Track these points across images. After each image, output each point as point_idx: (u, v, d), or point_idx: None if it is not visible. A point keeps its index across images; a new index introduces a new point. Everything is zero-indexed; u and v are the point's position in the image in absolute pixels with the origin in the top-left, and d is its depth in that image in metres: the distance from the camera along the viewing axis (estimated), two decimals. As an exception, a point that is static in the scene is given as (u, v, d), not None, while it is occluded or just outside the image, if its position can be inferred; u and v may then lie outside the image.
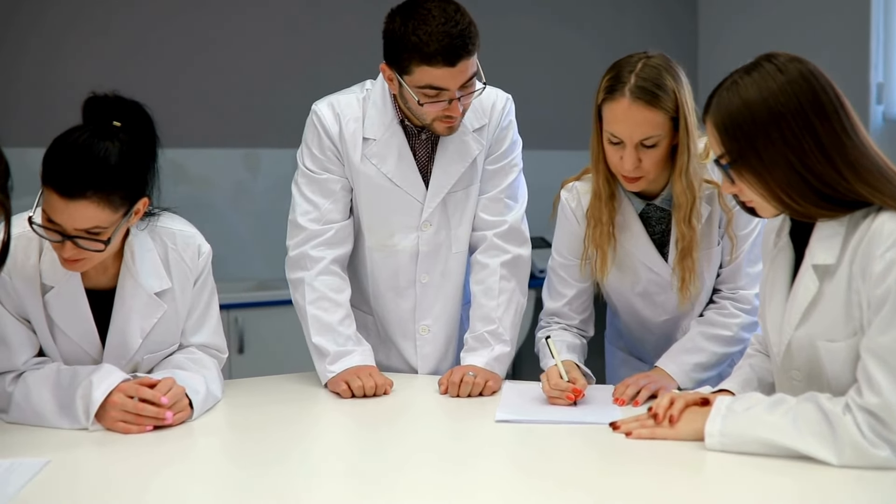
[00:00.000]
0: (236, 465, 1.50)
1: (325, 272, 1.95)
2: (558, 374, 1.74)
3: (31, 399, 1.63)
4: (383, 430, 1.69)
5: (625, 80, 1.70)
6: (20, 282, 1.67)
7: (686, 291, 1.84)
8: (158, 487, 1.36)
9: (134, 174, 1.61)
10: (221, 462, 1.53)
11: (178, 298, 1.81)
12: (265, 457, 1.48)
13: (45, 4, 3.68)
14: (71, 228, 1.55)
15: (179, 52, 3.82)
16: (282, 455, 1.49)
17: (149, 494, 1.32)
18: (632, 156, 1.72)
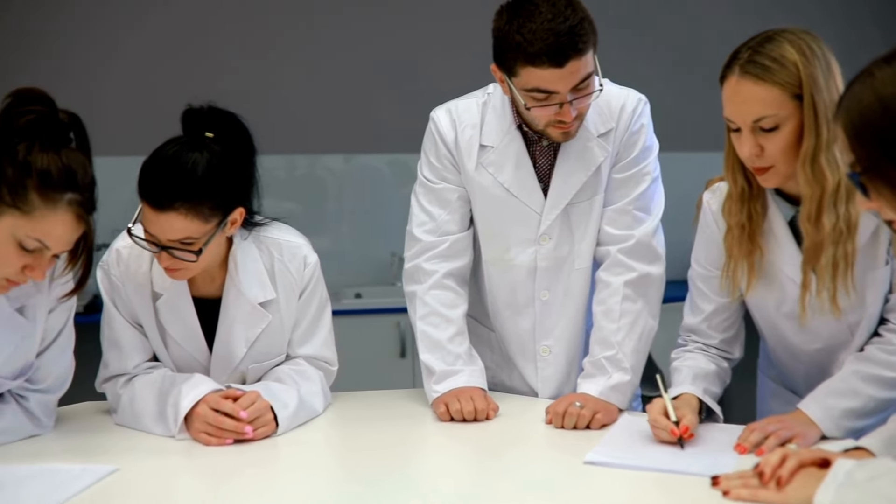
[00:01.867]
0: (309, 483, 1.45)
1: (438, 286, 1.86)
2: (663, 407, 1.53)
3: (135, 403, 1.69)
4: (470, 459, 1.58)
5: (739, 55, 1.48)
6: (132, 289, 1.74)
7: (807, 307, 1.56)
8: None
9: (224, 185, 1.62)
10: (296, 480, 1.48)
11: (284, 309, 1.80)
12: (343, 476, 1.45)
13: (144, 12, 3.92)
14: (164, 239, 1.59)
15: (280, 59, 3.95)
16: (364, 478, 1.44)
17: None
18: (748, 141, 1.48)
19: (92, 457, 1.51)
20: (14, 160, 1.41)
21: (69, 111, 1.51)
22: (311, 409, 1.76)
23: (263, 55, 4.03)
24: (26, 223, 1.41)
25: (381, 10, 4.05)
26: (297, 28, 4.07)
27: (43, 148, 1.42)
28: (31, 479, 1.38)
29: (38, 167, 1.41)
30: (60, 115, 1.48)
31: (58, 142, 1.46)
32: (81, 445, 1.60)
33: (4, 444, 1.57)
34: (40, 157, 1.42)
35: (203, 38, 3.99)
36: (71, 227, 1.45)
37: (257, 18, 4.06)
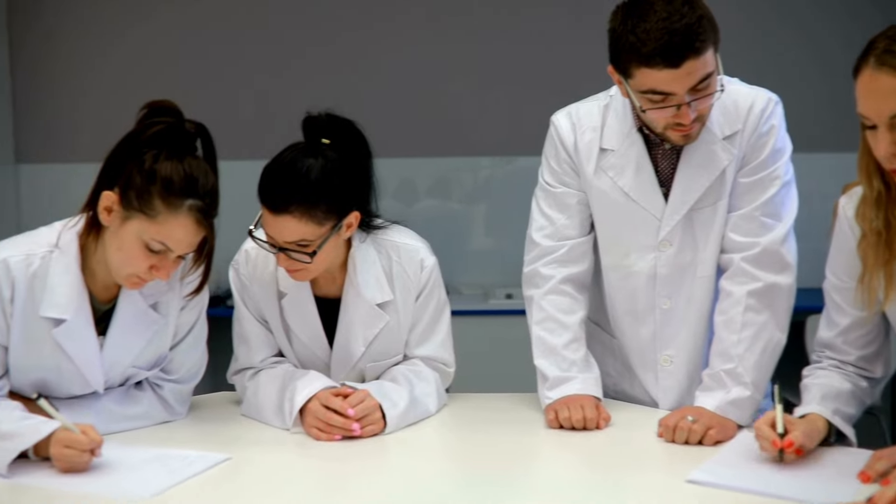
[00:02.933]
0: (412, 483, 1.48)
1: (555, 291, 1.84)
2: (773, 418, 1.44)
3: (258, 395, 1.79)
4: (571, 469, 1.56)
5: (875, 45, 1.35)
6: (258, 287, 1.83)
7: None
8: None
9: (338, 189, 1.67)
10: (401, 479, 1.51)
11: (401, 310, 1.84)
12: (444, 478, 1.47)
13: (264, 20, 4.08)
14: (280, 241, 1.66)
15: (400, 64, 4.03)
16: (463, 481, 1.46)
17: None
18: (885, 139, 1.34)
19: (213, 444, 1.61)
20: (142, 168, 1.52)
21: (196, 121, 1.61)
22: (424, 410, 1.79)
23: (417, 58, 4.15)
24: (151, 226, 1.52)
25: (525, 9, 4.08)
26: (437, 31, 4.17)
27: (168, 157, 1.53)
28: (150, 462, 1.49)
29: (162, 175, 1.52)
30: (187, 126, 1.59)
31: (183, 150, 1.56)
32: (206, 433, 1.71)
33: (140, 428, 1.71)
34: (165, 165, 1.52)
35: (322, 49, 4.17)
36: (192, 231, 1.55)
37: (383, 23, 4.20)
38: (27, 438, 1.45)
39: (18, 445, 1.45)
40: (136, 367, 1.70)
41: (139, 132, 1.56)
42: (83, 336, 1.61)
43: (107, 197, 1.55)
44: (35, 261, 1.58)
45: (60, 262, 1.59)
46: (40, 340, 1.58)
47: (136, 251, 1.54)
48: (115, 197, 1.54)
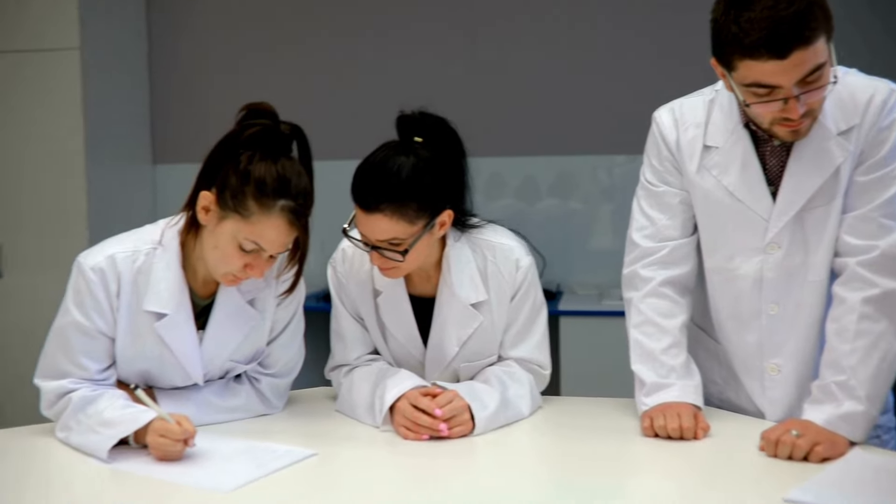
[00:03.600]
0: (498, 485, 1.45)
1: (654, 294, 1.77)
2: None
3: (352, 392, 1.80)
4: (661, 479, 1.49)
5: None
6: (354, 285, 1.85)
7: None
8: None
9: (430, 188, 1.66)
10: (487, 481, 1.49)
11: (495, 311, 1.82)
12: (531, 482, 1.44)
13: (356, 22, 4.09)
14: (373, 239, 1.67)
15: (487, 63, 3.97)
16: (550, 486, 1.43)
17: None
18: None
19: (305, 439, 1.64)
20: (237, 169, 1.56)
21: (292, 123, 1.64)
22: (516, 412, 1.76)
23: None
24: (245, 226, 1.56)
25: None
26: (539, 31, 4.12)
27: (262, 158, 1.57)
28: (241, 454, 1.53)
29: (256, 176, 1.55)
30: (282, 127, 1.62)
31: (277, 152, 1.59)
32: (300, 428, 1.75)
33: (237, 420, 1.76)
34: (259, 166, 1.56)
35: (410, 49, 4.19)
36: (284, 231, 1.57)
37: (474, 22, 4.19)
38: (126, 426, 1.52)
39: (118, 433, 1.51)
40: (234, 360, 1.75)
41: (236, 134, 1.60)
42: (183, 330, 1.67)
43: (204, 197, 1.60)
44: (140, 257, 1.65)
45: (163, 259, 1.65)
46: (144, 333, 1.65)
47: (230, 250, 1.58)
48: (212, 197, 1.59)
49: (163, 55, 4.50)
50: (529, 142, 4.18)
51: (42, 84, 3.99)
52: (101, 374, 1.65)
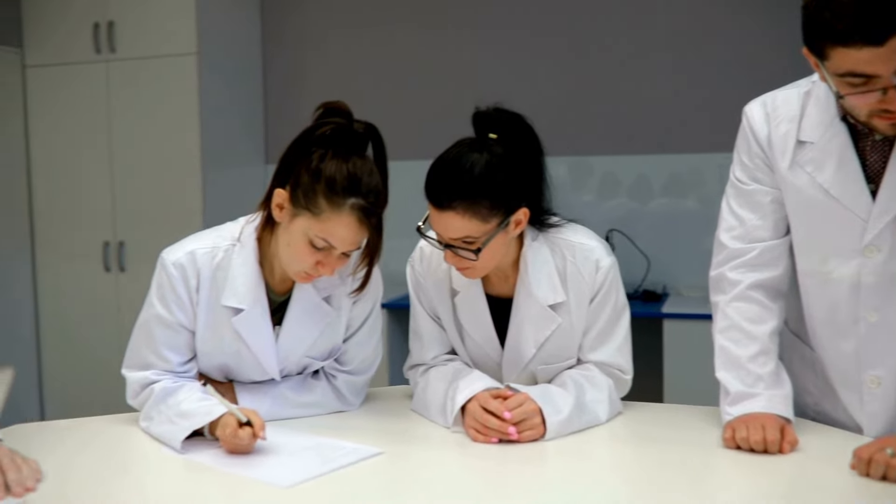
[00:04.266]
0: (566, 493, 1.41)
1: (742, 298, 1.68)
2: None
3: (427, 392, 1.79)
4: (741, 496, 1.40)
5: None
6: (432, 284, 1.84)
7: None
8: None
9: (504, 185, 1.63)
10: (555, 489, 1.44)
11: (574, 313, 1.77)
12: (600, 491, 1.38)
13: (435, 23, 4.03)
14: (446, 237, 1.65)
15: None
16: (621, 496, 1.37)
17: None
18: None
19: (377, 437, 1.64)
20: (309, 167, 1.58)
21: (366, 122, 1.64)
22: (592, 417, 1.70)
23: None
24: (316, 224, 1.57)
25: None
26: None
27: (334, 156, 1.57)
28: (308, 449, 1.54)
29: (327, 174, 1.56)
30: (356, 126, 1.62)
31: (350, 150, 1.59)
32: (374, 426, 1.74)
33: (313, 415, 1.78)
34: (330, 164, 1.57)
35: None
36: (353, 230, 1.58)
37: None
38: (200, 419, 1.56)
39: (192, 424, 1.55)
40: (310, 357, 1.77)
41: (309, 132, 1.61)
42: (259, 325, 1.70)
43: (279, 194, 1.62)
44: (219, 253, 1.69)
45: (241, 255, 1.69)
46: (221, 327, 1.69)
47: (302, 247, 1.59)
48: (286, 195, 1.61)
49: (277, 58, 4.63)
50: (643, 140, 4.08)
51: (161, 88, 4.19)
52: (182, 366, 1.70)
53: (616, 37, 4.11)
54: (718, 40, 3.95)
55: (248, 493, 1.37)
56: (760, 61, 3.80)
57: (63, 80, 4.38)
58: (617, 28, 4.11)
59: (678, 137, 4.05)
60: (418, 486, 1.44)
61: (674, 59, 4.03)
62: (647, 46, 4.06)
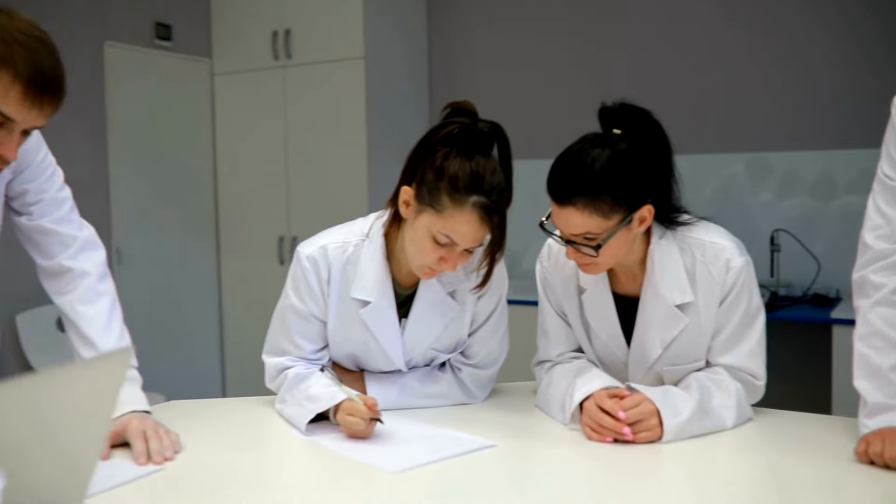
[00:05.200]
0: (678, 498, 1.38)
1: (885, 303, 1.57)
2: None
3: (549, 388, 1.80)
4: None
5: None
6: (559, 282, 1.84)
7: None
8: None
9: (626, 181, 1.60)
10: (670, 493, 1.41)
11: (703, 314, 1.71)
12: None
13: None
14: (567, 233, 1.65)
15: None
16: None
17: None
18: None
19: (494, 429, 1.67)
20: (433, 165, 1.63)
21: (491, 121, 1.67)
22: (717, 422, 1.65)
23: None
24: (438, 221, 1.62)
25: None
26: None
27: (457, 155, 1.61)
28: (423, 438, 1.59)
29: (450, 172, 1.60)
30: (480, 125, 1.65)
31: (474, 149, 1.63)
32: (494, 419, 1.76)
33: (438, 406, 1.83)
34: (453, 162, 1.61)
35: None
36: (475, 226, 1.61)
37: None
38: (323, 403, 1.64)
39: (316, 408, 1.64)
40: (436, 349, 1.82)
41: (435, 132, 1.66)
42: (386, 317, 1.77)
43: (405, 192, 1.68)
44: (349, 248, 1.78)
45: (369, 250, 1.76)
46: (351, 319, 1.77)
47: (426, 243, 1.65)
48: (411, 192, 1.67)
49: (442, 61, 4.75)
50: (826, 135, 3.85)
51: (332, 92, 4.40)
52: (315, 354, 1.80)
53: (787, 23, 3.91)
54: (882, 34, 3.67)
55: (355, 476, 1.43)
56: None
57: (245, 85, 4.70)
58: (788, 12, 3.91)
59: (865, 132, 3.79)
60: (521, 478, 1.45)
61: (849, 54, 3.78)
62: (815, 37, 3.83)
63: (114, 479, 1.38)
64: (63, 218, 1.68)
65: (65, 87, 1.39)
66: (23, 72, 1.31)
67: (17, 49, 1.30)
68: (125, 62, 4.33)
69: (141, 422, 1.53)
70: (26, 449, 0.97)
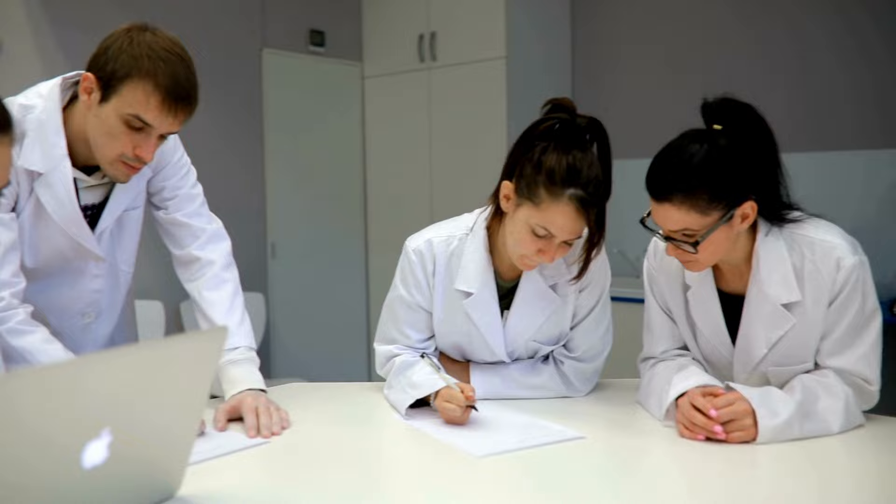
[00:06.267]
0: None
1: None
2: None
3: (650, 385, 1.80)
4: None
5: None
6: (664, 278, 1.83)
7: None
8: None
9: (726, 177, 1.58)
10: (749, 496, 1.40)
11: (810, 314, 1.66)
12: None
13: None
14: (665, 229, 1.65)
15: None
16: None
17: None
18: None
19: (585, 422, 1.69)
20: (531, 160, 1.67)
21: (590, 117, 1.69)
22: (820, 427, 1.59)
23: None
24: (536, 213, 1.66)
25: None
26: None
27: (555, 149, 1.65)
28: (514, 427, 1.64)
29: (547, 166, 1.64)
30: (579, 121, 1.68)
31: (572, 144, 1.66)
32: (593, 412, 1.78)
33: (539, 398, 1.86)
34: (550, 157, 1.65)
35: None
36: (571, 219, 1.64)
37: None
38: (423, 390, 1.72)
39: (416, 394, 1.72)
40: (537, 341, 1.86)
41: (534, 128, 1.70)
42: (488, 308, 1.82)
43: (505, 186, 1.73)
44: (454, 241, 1.85)
45: (472, 244, 1.83)
46: (455, 310, 1.84)
47: (524, 235, 1.69)
48: (511, 186, 1.72)
49: (586, 61, 4.73)
50: None
51: (474, 92, 4.50)
52: (421, 343, 1.89)
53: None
54: None
55: (444, 458, 1.49)
56: None
57: (392, 87, 4.88)
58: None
59: None
60: (602, 470, 1.47)
61: None
62: None
63: (223, 447, 1.52)
64: (194, 212, 1.84)
65: (197, 97, 1.56)
66: (162, 83, 1.49)
67: (159, 64, 1.49)
68: (281, 68, 4.61)
69: (255, 398, 1.66)
70: (130, 415, 1.10)
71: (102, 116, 1.54)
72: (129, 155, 1.56)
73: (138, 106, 1.50)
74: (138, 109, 1.51)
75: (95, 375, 1.02)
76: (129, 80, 1.49)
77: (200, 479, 1.35)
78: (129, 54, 1.49)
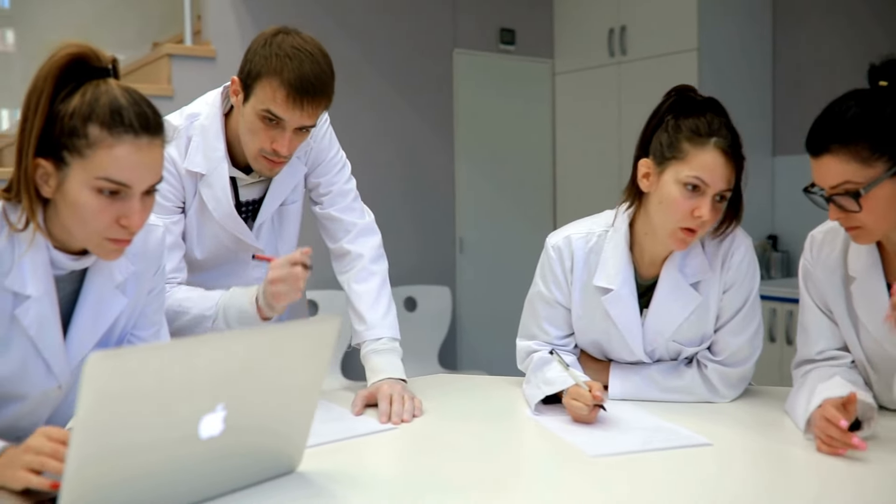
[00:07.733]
0: None
1: None
2: None
3: (799, 393, 1.68)
4: None
5: None
6: (822, 272, 1.71)
7: None
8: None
9: (886, 128, 1.46)
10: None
11: None
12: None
13: None
14: (826, 186, 1.54)
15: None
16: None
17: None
18: None
19: (718, 429, 1.63)
20: (667, 128, 1.72)
21: (707, 96, 1.75)
22: None
23: None
24: (684, 167, 1.67)
25: None
26: None
27: (688, 115, 1.71)
28: (641, 429, 1.61)
29: (687, 125, 1.69)
30: (695, 95, 1.74)
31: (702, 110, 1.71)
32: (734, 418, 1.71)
33: (680, 401, 1.80)
34: (688, 120, 1.70)
35: None
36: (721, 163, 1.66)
37: None
38: (554, 387, 1.72)
39: (548, 390, 1.73)
40: (678, 342, 1.81)
41: (659, 107, 1.76)
42: (627, 305, 1.80)
43: (643, 164, 1.74)
44: (593, 238, 1.84)
45: (613, 240, 1.81)
46: (593, 307, 1.83)
47: (675, 197, 1.67)
48: (649, 161, 1.72)
49: (786, 51, 4.47)
50: None
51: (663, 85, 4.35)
52: (561, 339, 1.89)
53: None
54: None
55: (557, 455, 1.51)
56: None
57: (582, 83, 4.86)
58: None
59: None
60: (719, 478, 1.40)
61: None
62: None
63: (354, 430, 1.61)
64: (347, 207, 1.96)
65: (328, 91, 1.67)
66: (287, 78, 1.62)
67: (286, 61, 1.61)
68: (471, 67, 4.72)
69: (391, 386, 1.75)
70: (243, 392, 1.20)
71: (245, 115, 1.70)
72: (267, 149, 1.70)
73: (268, 101, 1.64)
74: (268, 104, 1.64)
75: (210, 353, 1.13)
76: (261, 78, 1.64)
77: (323, 458, 1.44)
78: (262, 55, 1.64)
